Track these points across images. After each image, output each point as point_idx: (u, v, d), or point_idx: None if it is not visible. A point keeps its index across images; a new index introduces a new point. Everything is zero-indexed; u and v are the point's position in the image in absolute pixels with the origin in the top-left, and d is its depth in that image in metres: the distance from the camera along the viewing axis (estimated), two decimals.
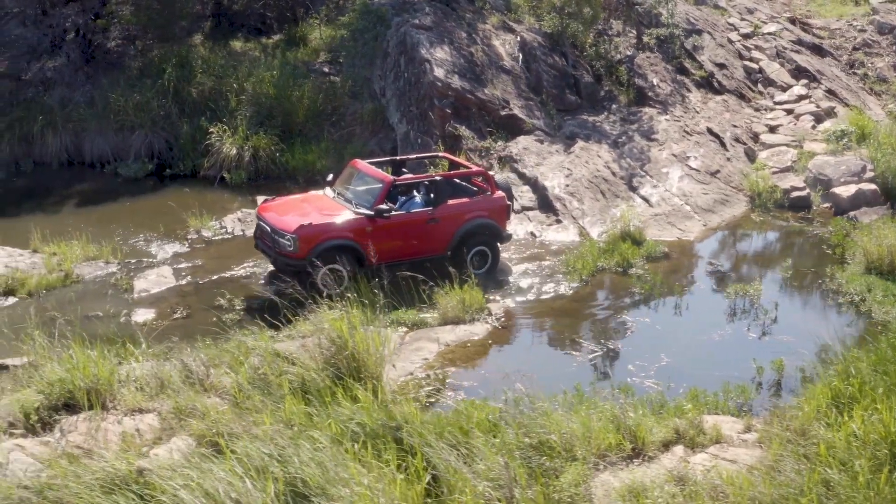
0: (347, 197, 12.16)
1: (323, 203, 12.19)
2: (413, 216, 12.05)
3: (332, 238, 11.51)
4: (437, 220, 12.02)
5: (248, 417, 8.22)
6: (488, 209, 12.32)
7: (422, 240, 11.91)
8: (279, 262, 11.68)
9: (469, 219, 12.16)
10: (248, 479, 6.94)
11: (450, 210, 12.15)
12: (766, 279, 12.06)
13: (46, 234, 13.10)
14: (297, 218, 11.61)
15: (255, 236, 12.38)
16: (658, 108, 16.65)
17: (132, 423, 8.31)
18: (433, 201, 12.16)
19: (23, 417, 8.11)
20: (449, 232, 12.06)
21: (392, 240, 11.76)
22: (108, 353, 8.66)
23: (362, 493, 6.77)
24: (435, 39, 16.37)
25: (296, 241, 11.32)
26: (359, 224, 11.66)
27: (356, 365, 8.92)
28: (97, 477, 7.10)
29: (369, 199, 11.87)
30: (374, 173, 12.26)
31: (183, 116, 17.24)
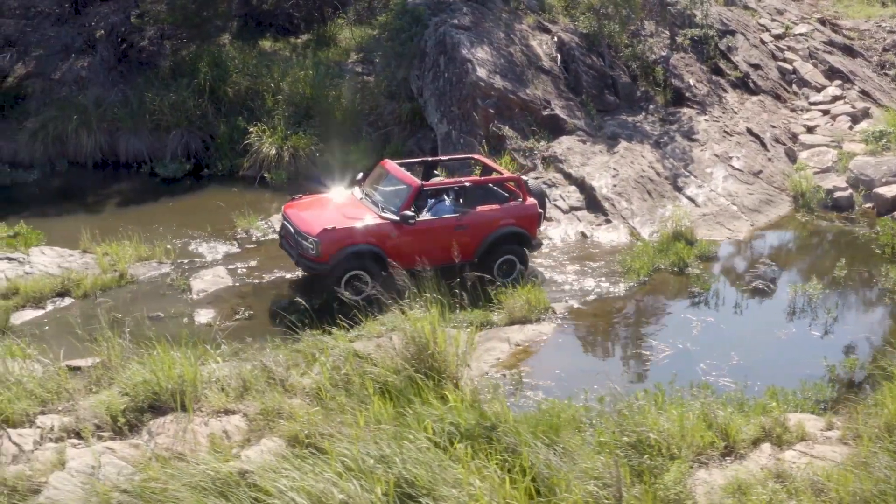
0: (375, 199, 11.93)
1: (349, 205, 11.95)
2: (440, 222, 11.74)
3: (355, 243, 11.28)
4: (466, 227, 11.73)
5: (336, 418, 8.21)
6: (518, 216, 12.03)
7: (448, 247, 11.25)
8: (301, 264, 11.49)
9: (498, 226, 11.85)
10: (355, 480, 6.93)
11: (479, 217, 11.88)
12: (822, 278, 12.09)
13: (95, 235, 12.99)
14: (322, 221, 11.37)
15: (279, 235, 12.21)
16: (696, 108, 16.68)
17: (219, 425, 8.24)
18: (462, 207, 11.90)
19: (110, 419, 8.03)
20: (477, 239, 11.75)
21: (417, 246, 11.31)
22: (189, 354, 8.58)
23: (475, 494, 6.76)
24: (475, 39, 16.34)
25: (318, 245, 11.10)
26: (383, 229, 11.41)
27: (437, 365, 8.91)
28: (198, 480, 7.05)
29: (396, 202, 11.62)
30: (403, 176, 11.96)
31: (219, 116, 17.16)
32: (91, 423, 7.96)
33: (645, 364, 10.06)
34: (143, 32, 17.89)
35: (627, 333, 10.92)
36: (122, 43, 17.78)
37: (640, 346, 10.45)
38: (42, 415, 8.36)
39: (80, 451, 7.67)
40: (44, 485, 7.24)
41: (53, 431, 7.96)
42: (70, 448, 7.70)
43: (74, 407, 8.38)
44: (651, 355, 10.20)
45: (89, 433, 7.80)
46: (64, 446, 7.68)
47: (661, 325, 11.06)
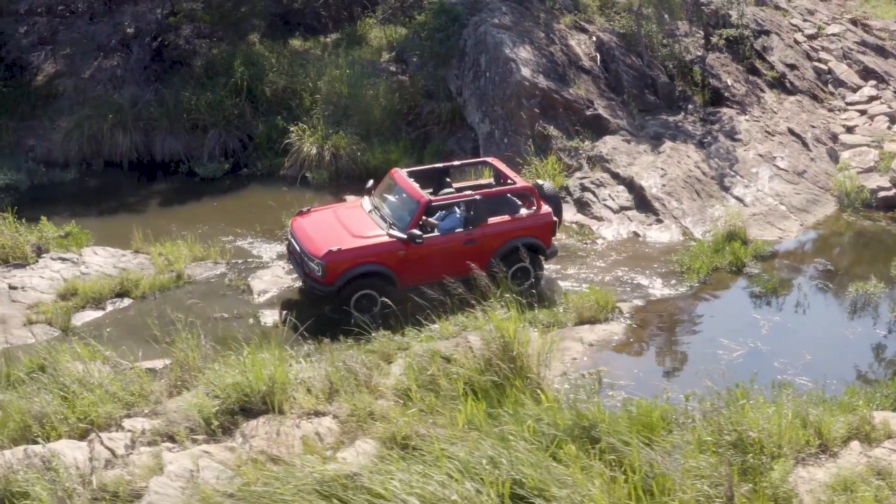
0: (383, 212, 11.59)
1: (356, 220, 11.58)
2: (449, 239, 11.39)
3: (362, 264, 10.97)
4: (476, 241, 11.38)
5: (428, 419, 8.13)
6: (531, 226, 11.70)
7: (458, 262, 10.88)
8: (307, 283, 11.15)
9: (511, 238, 11.50)
10: (468, 482, 6.86)
11: (490, 230, 11.50)
12: (880, 277, 12.09)
13: (146, 235, 12.84)
14: (328, 241, 11.02)
15: (287, 249, 11.92)
16: (736, 108, 16.68)
17: (311, 427, 8.15)
18: (472, 222, 11.49)
19: (203, 422, 7.92)
20: (488, 253, 11.37)
21: (426, 263, 11.07)
22: (277, 356, 8.46)
23: (588, 494, 6.69)
24: (516, 39, 16.27)
25: (324, 268, 10.79)
26: (391, 248, 11.07)
27: (520, 365, 8.85)
28: (304, 483, 6.95)
29: (405, 217, 11.27)
30: (411, 190, 11.54)
31: (257, 115, 17.01)
32: (183, 426, 7.86)
33: (720, 363, 10.00)
34: (179, 31, 17.70)
35: (697, 333, 10.90)
36: (156, 41, 17.59)
37: (711, 345, 10.41)
38: (127, 418, 8.26)
39: (177, 454, 7.57)
40: (144, 490, 7.14)
41: (145, 435, 7.86)
42: (166, 452, 7.61)
43: (161, 410, 8.29)
44: (724, 354, 10.17)
45: (184, 436, 7.70)
46: (159, 450, 7.57)
47: (728, 325, 11.01)
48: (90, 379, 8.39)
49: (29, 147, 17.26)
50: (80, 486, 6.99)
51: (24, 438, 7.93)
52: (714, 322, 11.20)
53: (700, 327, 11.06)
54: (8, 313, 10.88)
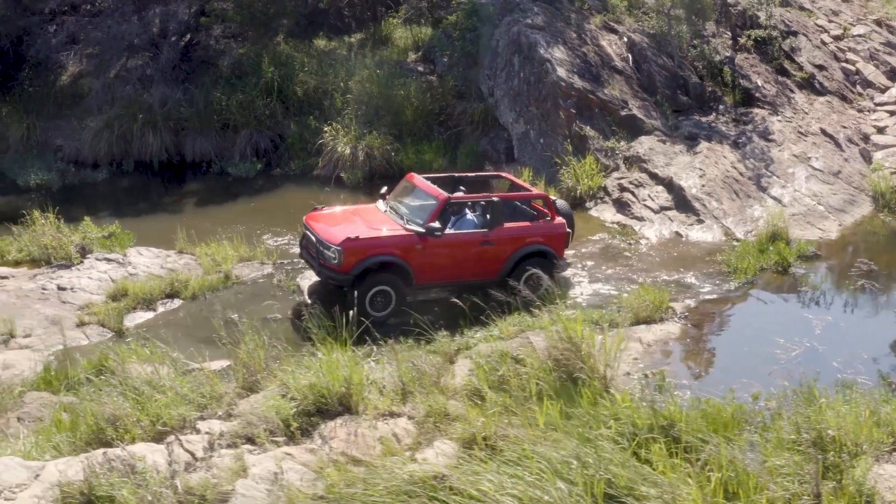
0: (400, 212, 11.59)
1: (373, 216, 11.61)
2: (466, 236, 11.42)
3: (378, 254, 10.89)
4: (492, 243, 11.38)
5: (503, 419, 8.09)
6: (546, 235, 11.68)
7: (473, 263, 11.23)
8: (322, 274, 11.08)
9: (525, 244, 11.52)
10: (561, 482, 6.82)
11: (506, 233, 11.50)
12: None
13: (189, 235, 12.76)
14: (344, 230, 11.04)
15: (300, 245, 11.78)
16: (767, 108, 16.73)
17: (387, 428, 8.09)
18: (489, 223, 11.50)
19: (282, 424, 7.85)
20: (503, 256, 11.41)
21: (442, 260, 11.14)
22: (350, 357, 8.41)
23: (677, 493, 6.67)
24: (550, 39, 16.27)
25: (341, 255, 10.70)
26: (408, 241, 11.02)
27: (588, 365, 8.83)
28: (393, 483, 6.91)
29: (422, 215, 11.27)
30: (429, 189, 11.64)
31: (288, 115, 16.94)
32: (261, 427, 7.79)
33: (779, 362, 10.01)
34: (210, 31, 17.60)
35: (752, 332, 10.89)
36: (187, 41, 17.48)
37: (768, 344, 10.39)
38: (201, 420, 8.19)
39: (259, 457, 7.49)
40: (231, 493, 7.06)
41: (223, 437, 7.78)
42: (247, 454, 7.54)
43: (235, 411, 8.22)
44: (782, 354, 10.16)
45: (264, 439, 7.63)
46: (240, 452, 7.50)
47: (781, 324, 11.01)
48: (161, 381, 8.32)
49: (57, 147, 17.18)
50: (167, 490, 6.93)
51: (97, 441, 7.86)
52: (767, 322, 11.20)
53: (754, 327, 11.05)
54: (60, 314, 10.79)
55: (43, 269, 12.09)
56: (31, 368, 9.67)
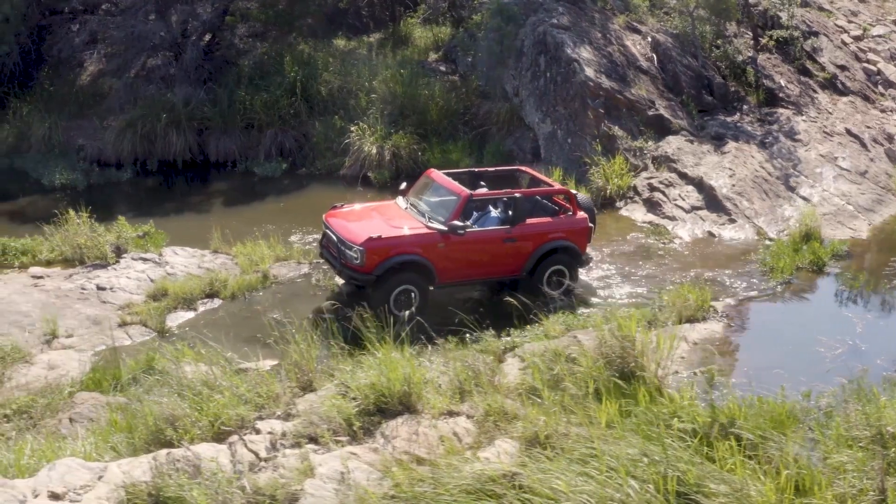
0: (421, 209, 11.44)
1: (394, 214, 11.46)
2: (489, 234, 11.30)
3: (401, 253, 10.75)
4: (515, 240, 11.27)
5: (562, 418, 8.07)
6: (568, 231, 11.58)
7: (496, 260, 11.14)
8: (344, 274, 10.93)
9: (548, 239, 11.40)
10: (631, 479, 6.81)
11: (528, 229, 11.40)
12: None
13: (224, 234, 12.70)
14: (366, 229, 10.87)
15: (320, 244, 11.65)
16: (791, 109, 16.77)
17: (447, 427, 8.06)
18: (511, 219, 11.37)
19: (345, 424, 7.81)
20: (525, 252, 11.31)
21: (465, 258, 11.04)
22: (406, 356, 8.38)
23: (746, 491, 6.67)
24: (576, 39, 16.28)
25: (363, 254, 10.55)
26: (430, 239, 10.89)
27: (640, 364, 8.82)
28: (464, 483, 6.88)
29: (444, 212, 11.14)
30: (450, 185, 11.48)
31: (312, 115, 16.89)
32: (323, 427, 7.75)
33: (824, 360, 10.03)
34: (234, 30, 17.54)
35: (795, 331, 10.92)
36: (209, 40, 17.41)
37: (811, 343, 10.42)
38: (259, 420, 8.14)
39: (323, 456, 7.44)
40: (300, 493, 7.02)
41: (286, 437, 7.74)
42: (312, 454, 7.50)
43: (294, 411, 8.18)
44: (825, 352, 10.18)
45: (328, 438, 7.59)
46: (305, 452, 7.46)
47: (822, 323, 11.07)
48: (217, 381, 8.27)
49: (79, 146, 17.08)
50: (237, 490, 6.88)
51: (156, 442, 7.81)
52: (808, 320, 11.25)
53: (796, 326, 11.09)
54: (101, 314, 10.73)
55: (78, 268, 12.03)
56: (78, 369, 9.63)
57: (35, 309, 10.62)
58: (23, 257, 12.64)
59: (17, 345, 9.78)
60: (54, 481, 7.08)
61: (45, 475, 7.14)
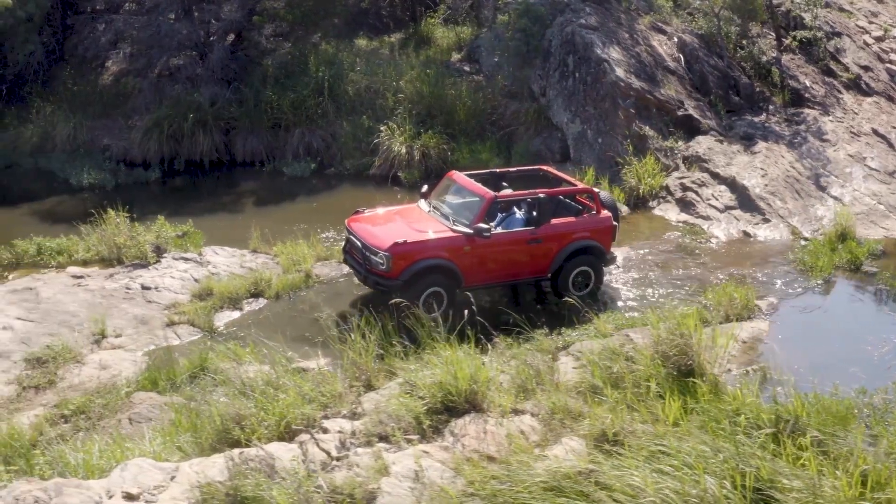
0: (444, 212, 11.35)
1: (417, 218, 11.35)
2: (514, 235, 11.22)
3: (427, 257, 10.64)
4: (540, 241, 11.19)
5: (625, 416, 8.08)
6: (593, 229, 11.52)
7: (521, 261, 11.06)
8: (370, 281, 10.77)
9: (573, 239, 11.34)
10: (708, 476, 6.81)
11: (553, 230, 11.31)
12: None
13: (264, 234, 12.67)
14: (391, 234, 10.76)
15: (343, 251, 11.47)
16: (818, 109, 16.84)
17: (513, 425, 8.06)
18: (535, 220, 11.28)
19: (414, 422, 7.80)
20: (551, 253, 11.24)
21: (491, 260, 10.98)
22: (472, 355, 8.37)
23: (818, 487, 6.68)
24: (605, 40, 16.31)
25: (389, 260, 10.44)
26: (456, 243, 10.79)
27: (697, 362, 8.84)
28: (540, 480, 6.88)
29: (468, 215, 11.04)
30: (474, 188, 11.38)
31: (340, 115, 16.86)
32: (392, 425, 7.73)
33: (873, 358, 10.08)
34: (261, 29, 17.49)
35: (840, 329, 10.95)
36: (234, 40, 17.35)
37: (857, 341, 10.45)
38: (325, 419, 8.12)
39: (396, 455, 7.43)
40: (377, 491, 7.01)
41: (356, 436, 7.72)
42: (384, 452, 7.48)
43: (360, 410, 8.16)
44: (873, 350, 10.23)
45: (399, 437, 7.58)
46: (378, 451, 7.45)
47: (866, 322, 11.12)
48: (280, 380, 8.25)
49: (104, 146, 17.01)
50: (316, 489, 6.85)
51: (223, 441, 7.78)
52: (851, 319, 11.29)
53: (840, 324, 11.13)
54: (147, 314, 10.69)
55: (118, 268, 11.98)
56: (130, 368, 9.58)
57: (82, 309, 10.57)
58: (59, 257, 12.60)
59: (68, 345, 9.74)
60: (127, 482, 7.05)
61: (117, 476, 7.11)
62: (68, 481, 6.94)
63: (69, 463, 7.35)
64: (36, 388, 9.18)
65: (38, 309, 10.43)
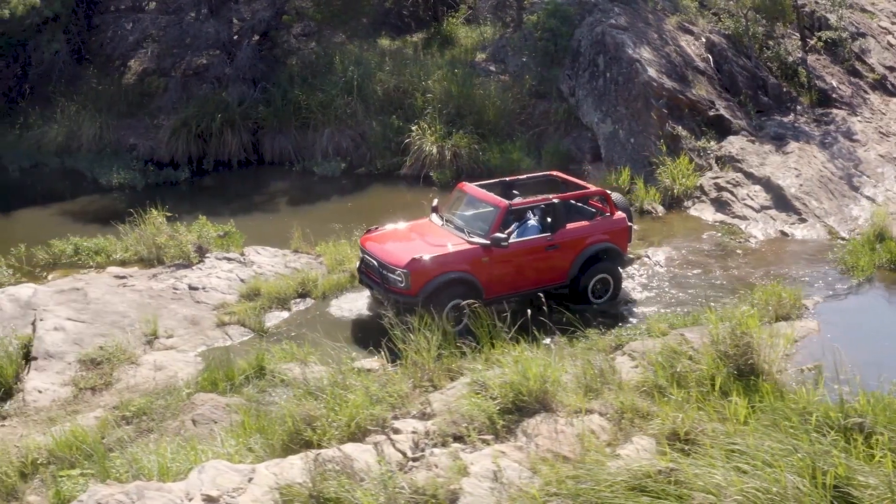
0: (458, 224, 11.18)
1: (432, 232, 11.15)
2: (531, 243, 11.03)
3: (446, 272, 10.45)
4: (557, 247, 11.05)
5: (692, 414, 8.07)
6: (609, 232, 11.40)
7: (540, 269, 10.90)
8: (388, 299, 10.32)
9: (590, 243, 11.22)
10: (791, 475, 6.81)
11: (569, 235, 11.15)
12: None
13: (305, 234, 12.62)
14: (408, 251, 10.58)
15: (358, 270, 11.18)
16: (845, 109, 16.91)
17: (583, 425, 8.06)
18: (551, 226, 11.13)
19: (488, 422, 7.77)
20: (569, 259, 11.11)
21: (509, 270, 10.79)
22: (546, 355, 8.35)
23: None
24: (636, 40, 16.32)
25: (408, 277, 10.27)
26: (474, 254, 10.62)
27: (758, 361, 8.85)
28: (622, 479, 6.86)
29: (483, 226, 10.90)
30: (486, 197, 11.23)
31: (368, 114, 16.81)
32: (464, 425, 7.70)
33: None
34: (290, 29, 17.42)
35: (888, 327, 10.98)
36: (259, 39, 17.27)
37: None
38: (395, 420, 8.09)
39: (473, 455, 7.41)
40: (459, 491, 6.98)
41: (430, 436, 7.69)
42: (461, 453, 7.45)
43: (428, 410, 8.13)
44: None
45: (475, 437, 7.55)
46: (455, 451, 7.42)
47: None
48: (346, 380, 8.21)
49: (130, 145, 16.91)
50: (397, 490, 6.82)
51: (294, 442, 7.74)
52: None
53: (887, 322, 11.17)
54: (197, 314, 10.63)
55: (160, 268, 11.90)
56: (185, 369, 9.51)
57: (131, 309, 10.50)
58: (97, 257, 12.52)
59: (122, 346, 9.66)
60: (206, 484, 7.01)
61: (195, 478, 7.06)
62: (149, 484, 6.89)
63: (143, 465, 7.28)
64: (92, 389, 9.12)
65: (87, 309, 10.34)
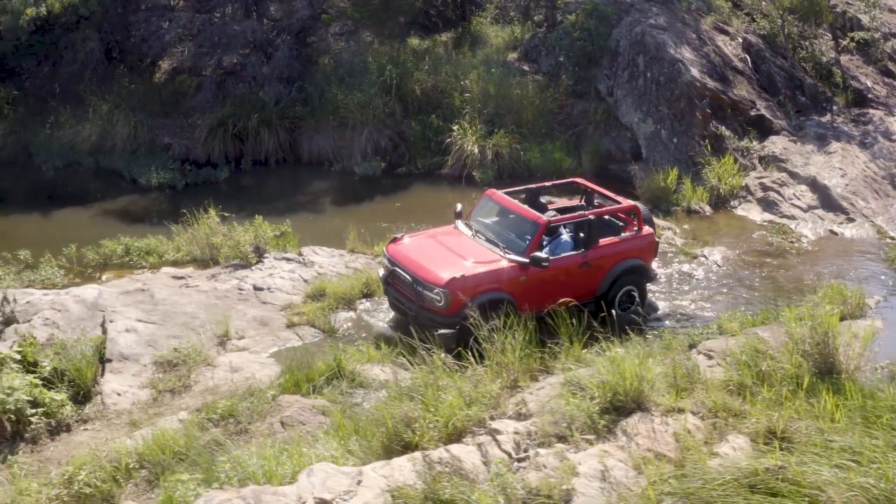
0: (489, 237, 10.91)
1: (463, 244, 10.80)
2: (567, 261, 10.82)
3: (485, 291, 10.13)
4: (590, 264, 10.90)
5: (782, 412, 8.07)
6: (638, 248, 11.30)
7: (573, 285, 10.64)
8: (422, 317, 10.05)
9: (620, 259, 11.10)
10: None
11: (602, 252, 11.03)
12: None
13: (363, 234, 12.55)
14: (445, 267, 10.23)
15: (384, 281, 10.74)
16: (882, 109, 17.00)
17: (678, 424, 8.04)
18: (585, 242, 10.97)
19: (588, 422, 7.74)
20: (600, 275, 11.00)
21: (544, 288, 10.48)
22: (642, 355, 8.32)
23: None
24: (676, 40, 16.34)
25: (448, 297, 9.92)
26: (513, 274, 10.36)
27: (837, 360, 8.87)
28: (732, 478, 6.86)
29: (519, 243, 10.67)
30: (521, 210, 11.02)
31: (407, 114, 16.74)
32: (564, 426, 7.67)
33: None
34: (328, 28, 17.30)
35: None
36: (295, 39, 17.15)
37: None
38: (492, 420, 8.04)
39: (578, 455, 7.38)
40: (572, 491, 6.95)
41: (532, 436, 7.65)
42: (567, 453, 7.41)
43: (524, 411, 8.09)
44: None
45: (578, 437, 7.51)
46: (561, 451, 7.38)
47: None
48: (438, 381, 8.15)
49: (165, 145, 16.75)
50: (513, 491, 6.78)
51: (394, 444, 7.68)
52: None
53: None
54: (265, 315, 10.53)
55: (218, 269, 11.79)
56: (260, 371, 9.41)
57: (199, 310, 10.39)
58: (149, 258, 12.39)
59: (196, 347, 9.55)
60: (317, 487, 6.96)
61: (305, 481, 7.01)
62: (264, 488, 6.83)
63: (249, 469, 7.19)
64: (171, 391, 9.01)
65: (156, 311, 10.22)
